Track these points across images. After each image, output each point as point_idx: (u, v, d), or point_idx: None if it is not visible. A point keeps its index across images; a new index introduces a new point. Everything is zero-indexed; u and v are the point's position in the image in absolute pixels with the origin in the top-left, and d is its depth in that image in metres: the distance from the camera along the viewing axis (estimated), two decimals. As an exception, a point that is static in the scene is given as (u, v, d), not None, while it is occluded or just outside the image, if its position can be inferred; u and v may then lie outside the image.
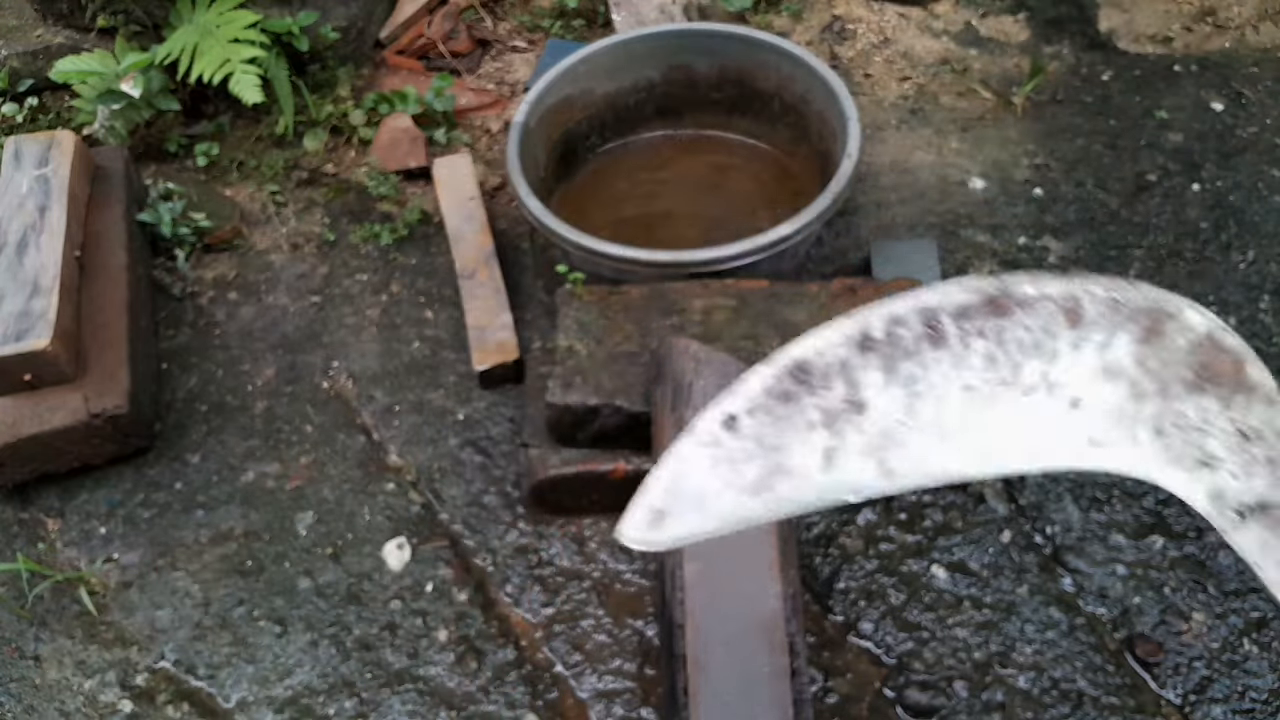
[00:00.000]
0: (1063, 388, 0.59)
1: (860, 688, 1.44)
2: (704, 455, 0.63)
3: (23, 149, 1.90)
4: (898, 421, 0.58)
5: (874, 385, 0.61)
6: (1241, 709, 1.40)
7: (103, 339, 1.73)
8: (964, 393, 0.58)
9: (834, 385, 0.61)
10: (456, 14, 2.41)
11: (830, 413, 0.58)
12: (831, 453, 0.60)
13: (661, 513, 0.61)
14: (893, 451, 0.57)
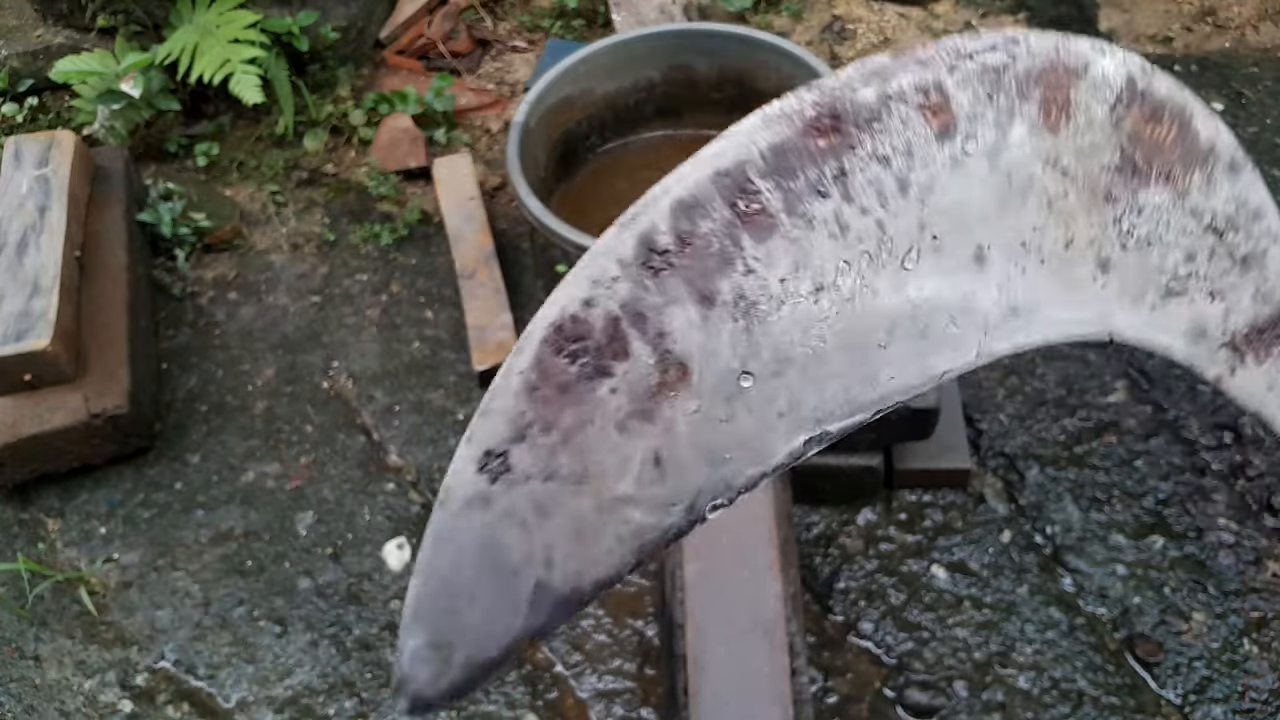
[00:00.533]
0: (956, 236, 0.37)
1: (860, 688, 1.44)
2: (471, 526, 0.39)
3: (23, 149, 1.90)
4: (740, 374, 0.38)
5: (689, 328, 0.38)
6: (1241, 709, 1.40)
7: (103, 339, 1.73)
8: (819, 297, 0.37)
9: (630, 346, 0.38)
10: (456, 14, 2.41)
11: (639, 393, 0.38)
12: (661, 455, 0.38)
13: (443, 647, 0.38)
14: (747, 423, 0.38)
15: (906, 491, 1.61)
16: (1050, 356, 1.77)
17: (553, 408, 0.39)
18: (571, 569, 0.39)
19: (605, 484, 0.39)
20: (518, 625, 0.38)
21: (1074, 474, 1.63)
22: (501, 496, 0.39)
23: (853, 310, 0.37)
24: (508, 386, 0.40)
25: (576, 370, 0.38)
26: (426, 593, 0.39)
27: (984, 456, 1.66)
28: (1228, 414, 1.69)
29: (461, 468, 0.40)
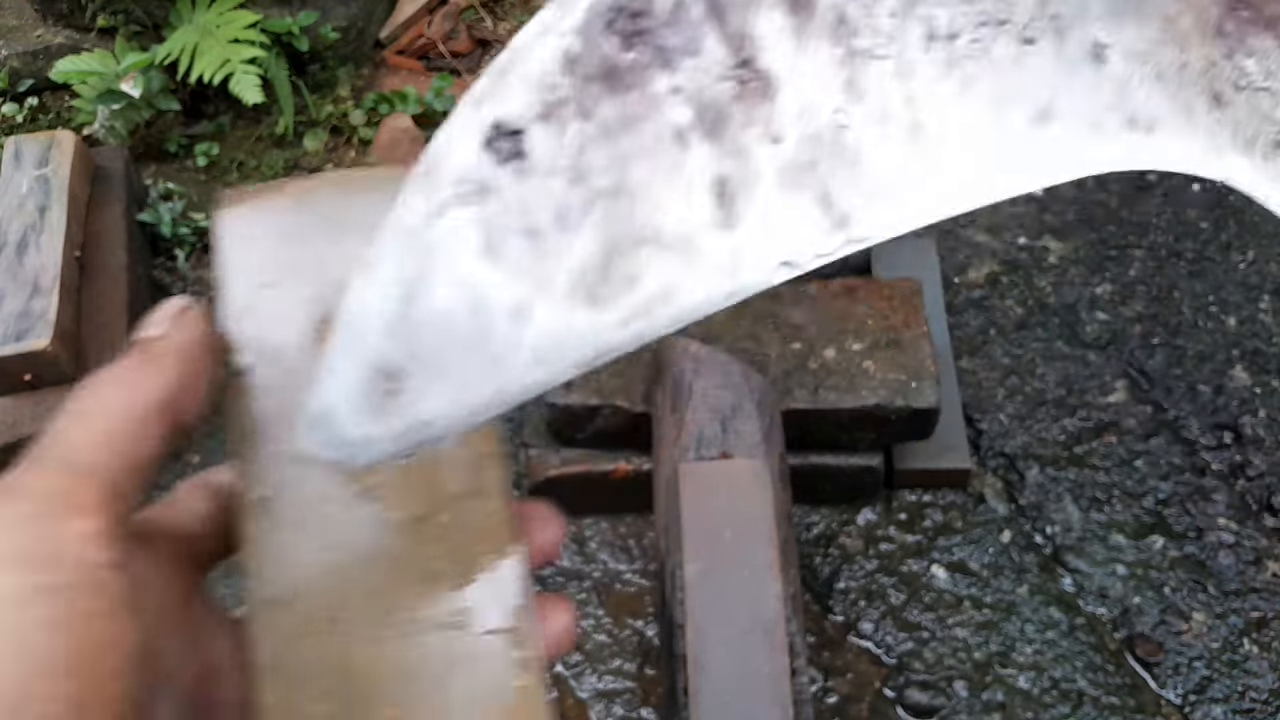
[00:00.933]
0: (1077, 24, 0.31)
1: (860, 688, 1.44)
2: (463, 225, 0.28)
3: (23, 149, 1.90)
4: (835, 110, 0.29)
5: (779, 37, 0.29)
6: (1241, 709, 1.40)
7: (103, 339, 1.73)
8: (930, 47, 0.30)
9: (702, 40, 0.28)
10: (456, 14, 2.41)
11: (708, 103, 0.29)
12: (728, 189, 0.29)
13: (392, 375, 0.28)
14: (838, 173, 0.29)
15: (906, 491, 1.61)
16: (1050, 356, 1.77)
17: (594, 91, 0.29)
18: (583, 316, 0.29)
19: (650, 207, 0.29)
20: (504, 373, 0.29)
21: (1074, 474, 1.63)
22: (509, 188, 0.28)
23: (964, 72, 0.30)
24: (541, 49, 0.29)
25: (632, 55, 0.29)
26: (381, 301, 0.28)
27: (984, 456, 1.66)
28: (1228, 414, 1.69)
29: (458, 136, 0.29)
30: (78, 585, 0.27)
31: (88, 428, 0.32)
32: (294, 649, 0.35)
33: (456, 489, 0.37)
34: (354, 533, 0.36)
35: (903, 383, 1.45)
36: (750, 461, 1.26)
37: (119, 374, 0.35)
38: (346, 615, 0.36)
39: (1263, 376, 1.73)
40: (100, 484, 0.30)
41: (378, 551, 0.36)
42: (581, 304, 0.29)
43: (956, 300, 1.84)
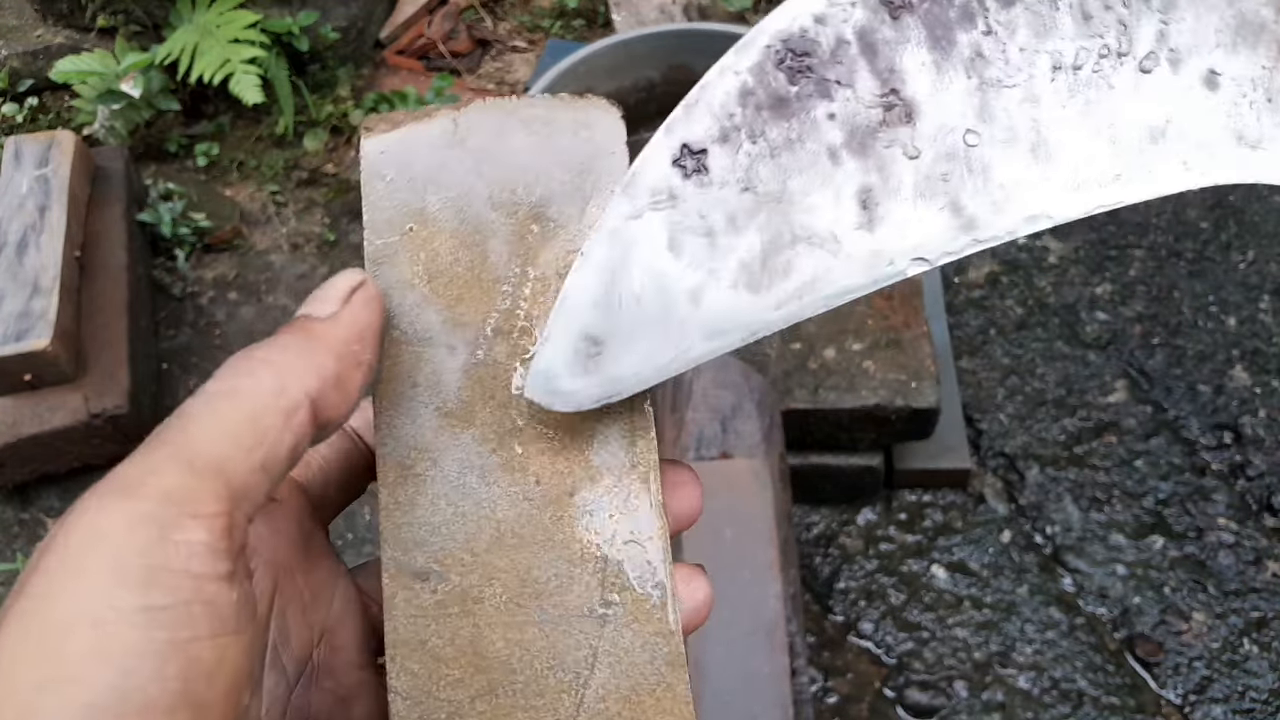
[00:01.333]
0: (1193, 54, 0.36)
1: (860, 688, 1.44)
2: (654, 226, 0.35)
3: (23, 149, 1.90)
4: (967, 133, 0.35)
5: (920, 71, 0.35)
6: (1241, 709, 1.40)
7: (103, 339, 1.73)
8: (1055, 76, 0.36)
9: (856, 75, 0.35)
10: (456, 14, 2.41)
11: (858, 126, 0.35)
12: (871, 197, 0.35)
13: (596, 341, 0.35)
14: (967, 185, 0.35)
15: (906, 491, 1.61)
16: (1050, 356, 1.77)
17: (763, 118, 0.36)
18: (745, 299, 0.36)
19: (805, 212, 0.36)
20: (680, 345, 0.35)
21: (1074, 474, 1.63)
22: (691, 195, 0.36)
23: (1086, 100, 0.36)
24: (721, 84, 0.35)
25: (796, 87, 0.36)
26: (590, 282, 0.35)
27: (984, 456, 1.66)
28: (1228, 414, 1.69)
29: (655, 156, 0.36)
30: (184, 604, 0.26)
31: (221, 416, 0.30)
32: (432, 627, 0.34)
33: (607, 463, 0.36)
34: (502, 507, 0.36)
35: (903, 383, 1.45)
36: (750, 461, 1.26)
37: (271, 355, 0.33)
38: (489, 595, 0.35)
39: (1263, 376, 1.73)
40: (222, 486, 0.29)
41: (525, 528, 0.35)
42: (744, 289, 0.35)
43: (956, 300, 1.84)
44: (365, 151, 0.37)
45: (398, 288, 0.36)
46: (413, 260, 0.37)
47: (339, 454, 0.38)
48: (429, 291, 0.36)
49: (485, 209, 0.37)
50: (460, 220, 0.37)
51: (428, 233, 0.37)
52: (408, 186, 0.37)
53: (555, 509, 0.36)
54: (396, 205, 0.37)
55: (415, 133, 0.37)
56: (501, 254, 0.37)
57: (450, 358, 0.36)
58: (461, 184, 0.37)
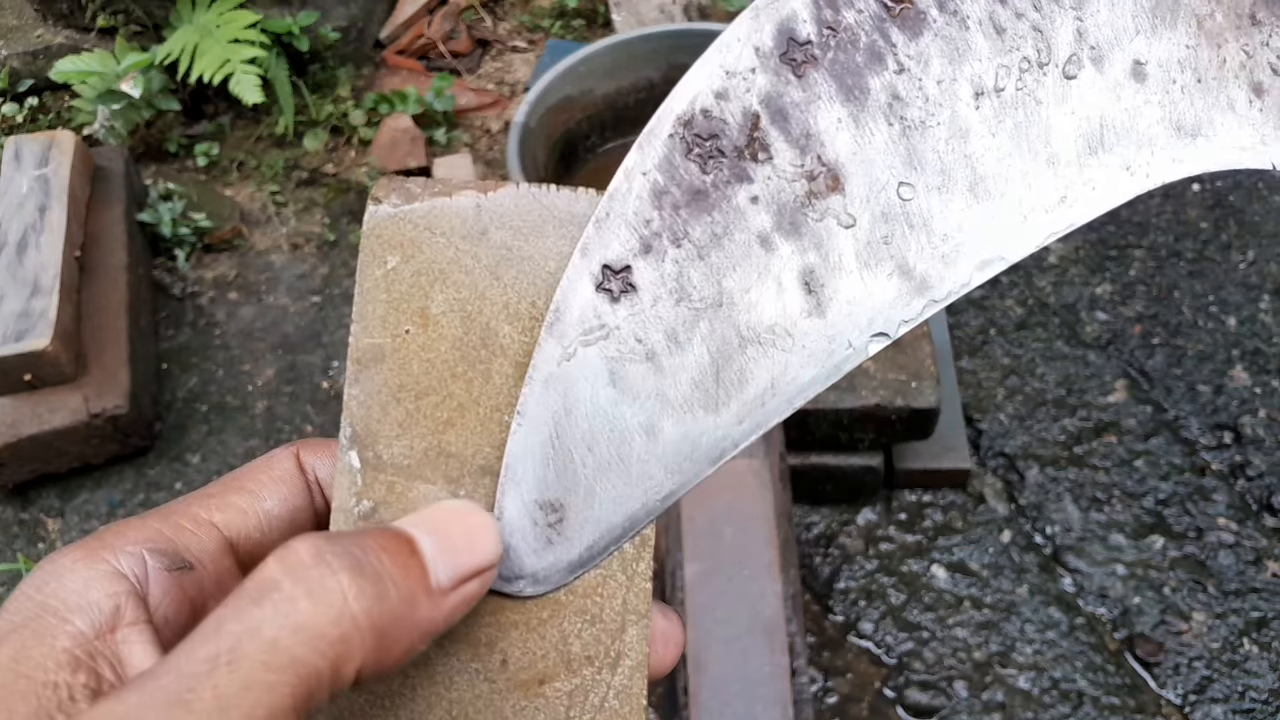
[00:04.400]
0: (1113, 49, 0.34)
1: (860, 688, 1.44)
2: (591, 362, 0.32)
3: (23, 149, 1.90)
4: (900, 186, 0.33)
5: (838, 129, 0.33)
6: (1241, 709, 1.40)
7: (103, 339, 1.73)
8: (979, 103, 0.33)
9: (772, 148, 0.33)
10: (456, 14, 2.41)
11: (785, 204, 0.32)
12: (815, 278, 0.32)
13: (553, 506, 0.32)
14: (911, 244, 0.33)
15: (906, 491, 1.61)
16: (1050, 356, 1.77)
17: (683, 217, 0.33)
18: (705, 420, 0.33)
19: (748, 310, 0.33)
20: (646, 487, 0.32)
21: (1074, 474, 1.63)
22: (625, 321, 0.32)
23: (1015, 122, 0.33)
24: (629, 190, 0.32)
25: (711, 175, 0.33)
26: (533, 441, 0.32)
27: (984, 456, 1.66)
28: (1228, 414, 1.69)
29: (575, 285, 0.32)
30: None
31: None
32: None
33: (590, 652, 0.31)
34: (459, 685, 0.31)
35: (903, 383, 1.45)
36: (750, 461, 1.26)
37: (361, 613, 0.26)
38: None
39: (1263, 376, 1.73)
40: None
41: (481, 714, 0.31)
42: (701, 410, 0.33)
43: (956, 300, 1.84)
44: (368, 228, 0.32)
45: (379, 399, 0.31)
46: (403, 369, 0.32)
47: (288, 511, 0.33)
48: (415, 410, 0.31)
49: (498, 320, 0.32)
50: (466, 329, 0.32)
51: (426, 339, 0.32)
52: (412, 279, 0.32)
53: (520, 698, 0.31)
54: (395, 300, 0.32)
55: (430, 212, 0.32)
56: (508, 377, 0.32)
57: (426, 495, 0.31)
58: (475, 286, 0.32)
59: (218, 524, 0.32)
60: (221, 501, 0.32)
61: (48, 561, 0.29)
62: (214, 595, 0.31)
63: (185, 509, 0.32)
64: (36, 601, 0.28)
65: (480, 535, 0.30)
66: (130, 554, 0.30)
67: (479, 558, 0.29)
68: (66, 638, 0.27)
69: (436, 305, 0.32)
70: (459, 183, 0.32)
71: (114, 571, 0.29)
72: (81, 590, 0.28)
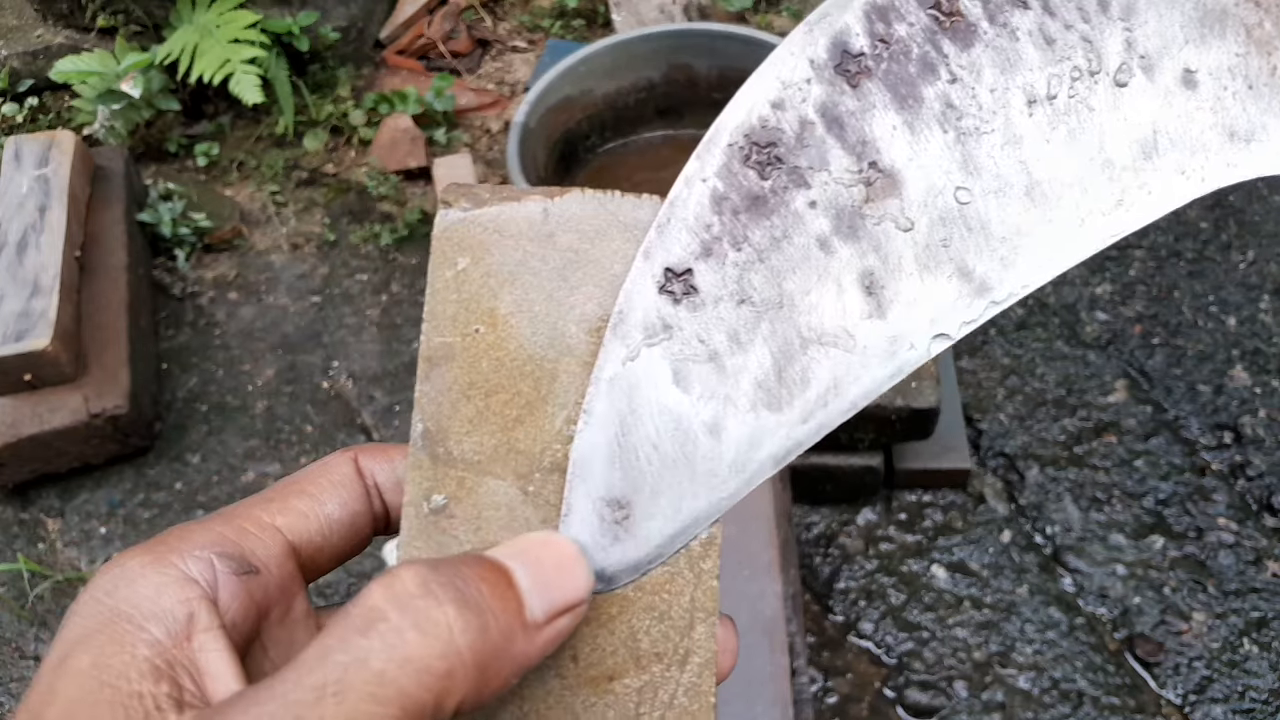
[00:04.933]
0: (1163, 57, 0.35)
1: (860, 688, 1.44)
2: (654, 363, 0.33)
3: (23, 149, 1.90)
4: (957, 190, 0.34)
5: (893, 136, 0.34)
6: (1241, 709, 1.40)
7: (103, 339, 1.73)
8: (1032, 111, 0.34)
9: (828, 155, 0.34)
10: (456, 14, 2.41)
11: (843, 208, 0.33)
12: (875, 280, 0.34)
13: (620, 504, 0.32)
14: (969, 246, 0.34)
15: (906, 491, 1.61)
16: (1050, 356, 1.77)
17: (743, 221, 0.34)
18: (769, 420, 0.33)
19: (809, 312, 0.34)
20: (710, 485, 0.33)
21: (1074, 474, 1.63)
22: (687, 322, 0.33)
23: (1069, 128, 0.34)
24: (691, 196, 0.34)
25: (769, 181, 0.34)
26: (599, 440, 0.33)
27: (984, 456, 1.66)
28: (1228, 414, 1.69)
29: (639, 288, 0.33)
30: None
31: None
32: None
33: (660, 649, 0.31)
34: (530, 682, 0.31)
35: (903, 383, 1.45)
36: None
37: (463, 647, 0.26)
38: None
39: (1263, 376, 1.73)
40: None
41: (552, 710, 0.31)
42: (765, 409, 0.33)
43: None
44: (439, 231, 0.33)
45: (450, 396, 0.32)
46: (473, 367, 0.32)
47: (348, 515, 0.34)
48: (485, 407, 0.32)
49: (565, 320, 0.33)
50: (534, 330, 0.33)
51: (495, 338, 0.32)
52: (481, 280, 0.33)
53: (589, 694, 0.31)
54: (465, 300, 0.32)
55: (499, 216, 0.33)
56: (575, 376, 0.32)
57: (495, 490, 0.32)
58: (542, 287, 0.33)
59: (280, 528, 0.32)
60: (283, 505, 0.32)
61: (114, 565, 0.29)
62: (278, 600, 0.31)
63: (247, 512, 0.32)
64: (108, 607, 0.28)
65: (573, 569, 0.30)
66: (198, 558, 0.29)
67: (572, 593, 0.29)
68: (145, 646, 0.27)
69: (505, 305, 0.32)
70: (524, 189, 0.33)
71: (184, 576, 0.29)
72: (154, 596, 0.28)
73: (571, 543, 0.31)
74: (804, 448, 0.34)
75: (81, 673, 0.26)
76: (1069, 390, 1.73)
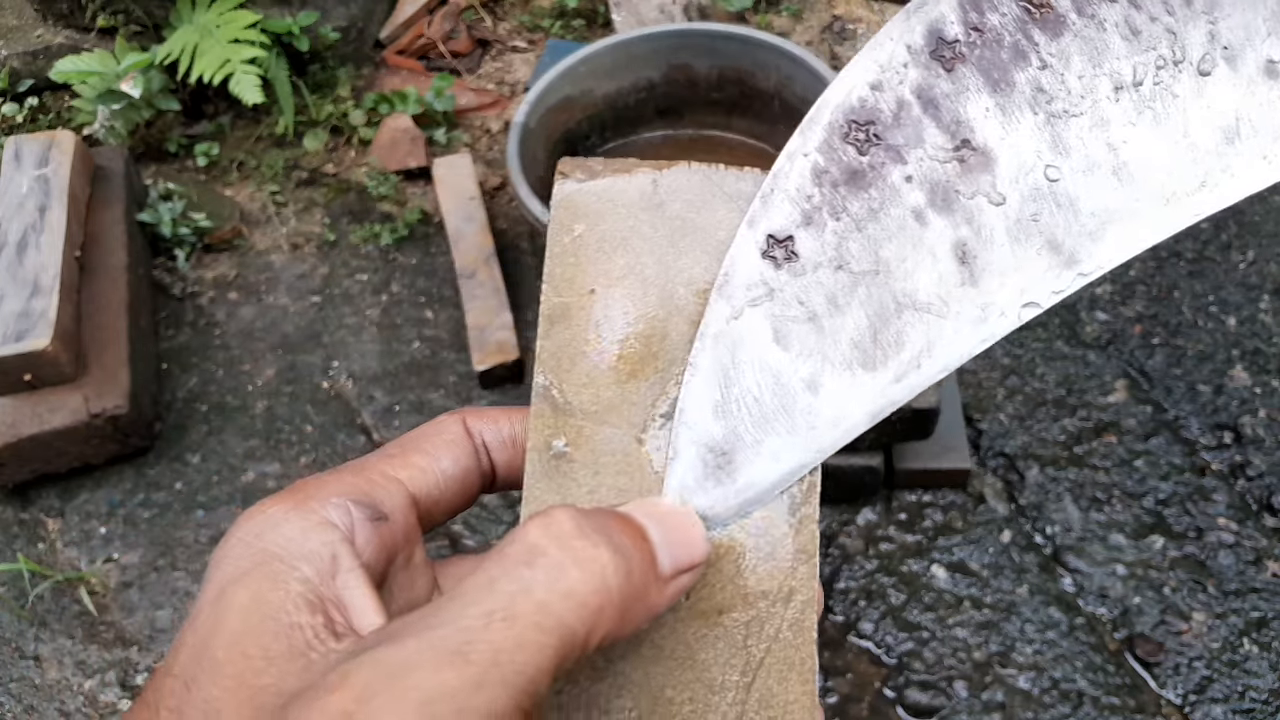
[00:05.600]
0: (1245, 49, 0.37)
1: (860, 688, 1.44)
2: (757, 322, 0.35)
3: (23, 149, 1.90)
4: (1046, 169, 0.36)
5: (986, 117, 0.36)
6: (1241, 709, 1.40)
7: (103, 339, 1.73)
8: (1119, 96, 0.36)
9: (924, 133, 0.36)
10: (456, 14, 2.41)
11: (937, 183, 0.35)
12: (967, 251, 0.35)
13: (722, 451, 0.34)
14: (1059, 221, 0.35)
15: (906, 491, 1.61)
16: (1050, 356, 1.77)
17: (842, 193, 0.36)
18: (864, 379, 0.36)
19: (904, 278, 0.36)
20: (808, 437, 0.35)
21: (1074, 474, 1.63)
22: (787, 284, 0.35)
23: (1154, 113, 0.36)
24: (793, 169, 0.36)
25: (868, 157, 0.36)
26: (703, 391, 0.35)
27: (984, 456, 1.66)
28: (1228, 414, 1.69)
29: (743, 253, 0.36)
30: None
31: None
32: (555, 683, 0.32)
33: (765, 587, 0.33)
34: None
35: (903, 383, 1.45)
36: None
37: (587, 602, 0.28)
38: (616, 709, 0.32)
39: (1263, 376, 1.73)
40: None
41: (666, 640, 0.33)
42: (860, 368, 0.35)
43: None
44: (557, 199, 0.35)
45: (568, 352, 0.34)
46: (590, 325, 0.35)
47: (461, 472, 0.36)
48: (600, 362, 0.34)
49: (674, 283, 0.35)
50: (645, 290, 0.35)
51: (611, 298, 0.35)
52: (597, 245, 0.35)
53: (701, 626, 0.33)
54: (582, 263, 0.35)
55: (612, 187, 0.35)
56: (684, 334, 0.35)
57: (611, 438, 0.34)
58: (653, 252, 0.35)
59: (403, 480, 0.34)
60: (404, 461, 0.35)
61: (256, 512, 0.31)
62: (402, 547, 0.34)
63: (374, 465, 0.34)
64: (258, 549, 0.30)
65: (695, 534, 0.32)
66: (336, 505, 0.31)
67: (694, 554, 0.32)
68: (298, 583, 0.29)
69: (618, 268, 0.35)
70: (635, 161, 0.36)
71: (325, 521, 0.31)
72: (300, 539, 0.30)
73: (690, 510, 0.33)
74: (897, 405, 0.35)
75: (243, 607, 0.29)
76: (1069, 390, 1.73)
